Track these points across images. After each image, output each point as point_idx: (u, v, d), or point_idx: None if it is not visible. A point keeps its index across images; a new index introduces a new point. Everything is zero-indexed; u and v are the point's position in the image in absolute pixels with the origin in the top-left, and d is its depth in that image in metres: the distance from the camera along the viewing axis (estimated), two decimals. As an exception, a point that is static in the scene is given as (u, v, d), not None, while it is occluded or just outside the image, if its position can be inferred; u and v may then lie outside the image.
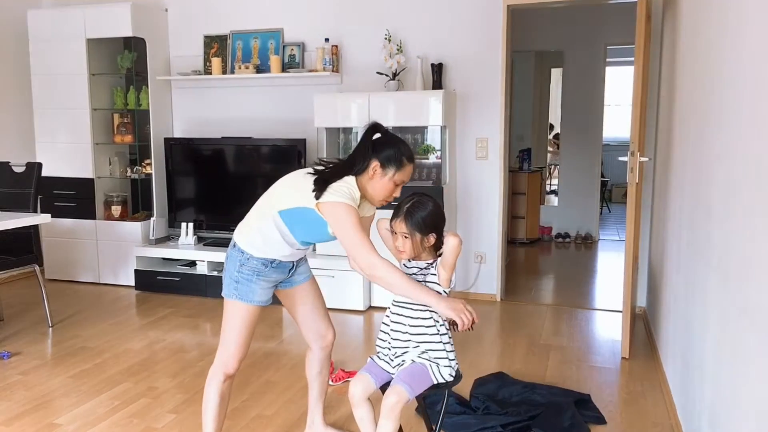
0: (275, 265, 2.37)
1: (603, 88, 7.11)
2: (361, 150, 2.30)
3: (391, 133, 2.38)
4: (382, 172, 2.28)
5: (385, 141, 2.31)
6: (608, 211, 9.51)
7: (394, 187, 2.33)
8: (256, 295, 2.35)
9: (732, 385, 1.90)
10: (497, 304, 4.81)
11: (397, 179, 2.31)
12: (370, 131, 2.32)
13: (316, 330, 2.60)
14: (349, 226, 2.20)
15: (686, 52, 3.10)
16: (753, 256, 1.70)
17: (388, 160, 2.27)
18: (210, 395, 2.41)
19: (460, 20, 4.70)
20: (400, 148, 2.30)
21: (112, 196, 5.38)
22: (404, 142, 2.35)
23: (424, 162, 4.76)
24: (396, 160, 2.28)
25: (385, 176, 2.29)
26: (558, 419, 2.81)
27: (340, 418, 2.97)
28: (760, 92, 1.68)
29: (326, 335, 2.61)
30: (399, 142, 2.32)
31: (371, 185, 2.31)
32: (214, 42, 5.31)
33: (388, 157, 2.27)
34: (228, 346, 2.37)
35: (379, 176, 2.28)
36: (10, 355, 3.75)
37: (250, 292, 2.34)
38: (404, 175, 2.31)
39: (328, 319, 2.63)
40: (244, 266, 2.33)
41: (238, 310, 2.35)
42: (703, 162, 2.49)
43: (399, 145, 2.31)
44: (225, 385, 2.41)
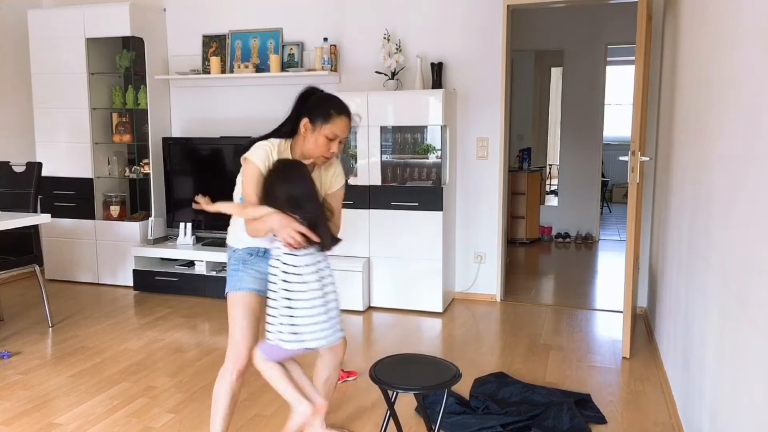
0: (262, 254, 2.38)
1: (603, 87, 7.11)
2: (292, 112, 2.33)
3: (326, 93, 2.36)
4: (312, 127, 2.28)
5: (314, 98, 2.32)
6: (609, 211, 9.50)
7: (327, 142, 2.28)
8: (244, 282, 2.36)
9: (732, 385, 1.89)
10: (497, 304, 4.81)
11: (328, 133, 2.27)
12: (303, 93, 2.33)
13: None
14: (246, 182, 2.26)
15: (687, 51, 3.10)
16: (753, 256, 1.69)
17: (315, 115, 2.27)
18: (220, 393, 2.40)
19: (460, 20, 4.69)
20: (327, 102, 2.29)
21: (110, 196, 5.37)
22: (336, 98, 2.32)
23: (424, 162, 4.76)
24: (323, 113, 2.27)
25: (315, 131, 2.28)
26: (558, 419, 2.80)
27: (340, 418, 2.96)
28: (761, 92, 1.67)
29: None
30: (329, 98, 2.31)
31: (306, 145, 2.30)
32: (213, 41, 5.30)
33: (315, 112, 2.27)
34: (233, 340, 2.38)
35: (309, 133, 2.28)
36: (10, 355, 3.74)
37: (238, 281, 2.37)
38: (335, 128, 2.27)
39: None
40: (231, 258, 2.42)
41: (232, 300, 2.37)
42: (703, 162, 2.49)
43: (328, 99, 2.30)
44: (237, 384, 2.40)
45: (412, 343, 3.97)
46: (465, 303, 4.82)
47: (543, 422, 2.78)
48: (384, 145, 4.68)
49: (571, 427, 2.75)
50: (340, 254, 4.66)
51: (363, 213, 4.59)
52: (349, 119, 2.32)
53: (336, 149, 2.32)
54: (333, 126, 2.27)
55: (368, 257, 4.62)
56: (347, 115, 2.31)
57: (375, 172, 4.56)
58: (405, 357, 2.46)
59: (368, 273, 4.63)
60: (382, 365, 2.36)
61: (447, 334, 4.13)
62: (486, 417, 2.84)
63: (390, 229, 4.54)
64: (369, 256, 4.62)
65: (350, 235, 4.61)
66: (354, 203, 4.59)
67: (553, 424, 2.77)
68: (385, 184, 4.59)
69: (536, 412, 2.87)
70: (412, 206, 4.48)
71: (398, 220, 4.52)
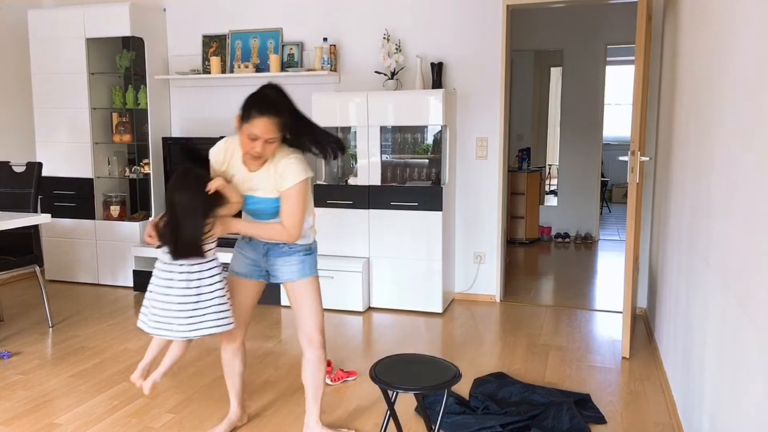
0: (248, 241, 2.58)
1: (603, 87, 7.11)
2: None
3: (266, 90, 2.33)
4: (239, 125, 2.31)
5: (250, 95, 2.32)
6: (608, 211, 9.51)
7: (249, 142, 2.29)
8: (234, 266, 2.62)
9: (732, 385, 1.90)
10: (496, 304, 4.81)
11: (249, 133, 2.27)
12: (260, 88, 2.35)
13: (302, 332, 2.60)
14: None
15: (687, 51, 3.10)
16: (753, 256, 1.69)
17: (243, 113, 2.29)
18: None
19: (460, 20, 4.69)
20: (255, 101, 2.28)
21: (110, 196, 5.37)
22: (266, 97, 2.30)
23: (424, 161, 4.76)
24: (246, 113, 2.27)
25: (241, 129, 2.31)
26: (558, 419, 2.80)
27: (339, 417, 2.96)
28: (761, 92, 1.67)
29: (312, 338, 2.58)
30: (259, 96, 2.30)
31: (241, 140, 2.35)
32: (213, 41, 5.31)
33: (244, 109, 2.29)
34: None
35: (239, 130, 2.33)
36: (10, 355, 3.74)
37: (232, 263, 2.64)
38: (254, 128, 2.25)
39: (314, 321, 2.57)
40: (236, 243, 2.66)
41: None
42: (703, 162, 2.49)
43: (257, 98, 2.29)
44: (225, 352, 2.70)
45: (412, 343, 3.97)
46: (465, 303, 4.82)
47: (543, 422, 2.78)
48: (384, 145, 4.68)
49: (570, 427, 2.76)
50: (339, 254, 4.67)
51: (363, 213, 4.59)
52: (274, 120, 2.27)
53: (260, 149, 2.29)
54: (252, 126, 2.26)
55: (368, 257, 4.62)
56: (270, 116, 2.26)
57: (375, 172, 4.56)
58: (405, 357, 2.46)
59: (368, 273, 4.63)
60: (382, 365, 2.36)
61: (447, 335, 4.13)
62: (486, 417, 2.84)
63: (390, 229, 4.54)
64: (369, 257, 4.62)
65: (350, 235, 4.61)
66: (354, 203, 4.59)
67: (552, 424, 2.77)
68: (384, 184, 4.59)
69: (536, 412, 2.87)
70: (411, 206, 4.48)
71: (398, 220, 4.52)
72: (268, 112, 2.26)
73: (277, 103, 2.30)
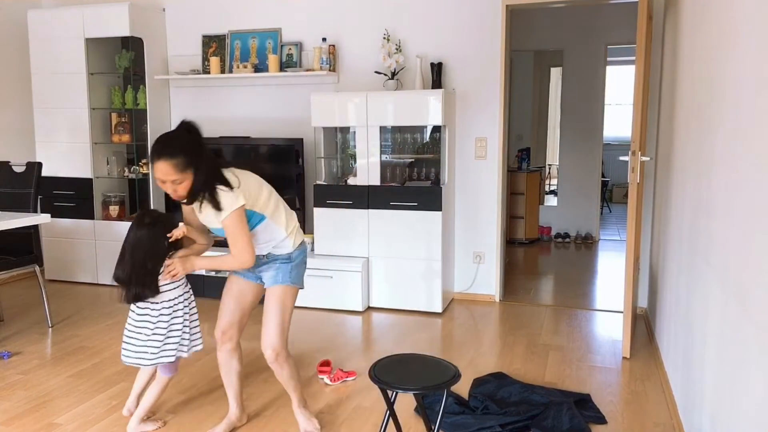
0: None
1: (603, 87, 7.11)
2: None
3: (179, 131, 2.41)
4: None
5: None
6: (609, 211, 9.50)
7: (160, 184, 2.39)
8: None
9: (733, 385, 1.89)
10: (496, 304, 4.81)
11: (154, 176, 2.40)
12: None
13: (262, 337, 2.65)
14: None
15: (687, 51, 3.10)
16: (754, 256, 1.69)
17: None
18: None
19: (460, 20, 4.69)
20: (154, 143, 2.36)
21: (110, 196, 5.37)
22: (158, 141, 2.36)
23: (423, 161, 4.76)
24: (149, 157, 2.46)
25: None
26: (558, 419, 2.80)
27: (339, 417, 2.96)
28: (761, 91, 1.67)
29: (264, 350, 2.64)
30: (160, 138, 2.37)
31: None
32: (213, 41, 5.30)
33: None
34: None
35: None
36: (10, 355, 3.74)
37: None
38: (156, 172, 2.35)
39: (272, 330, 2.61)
40: None
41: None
42: (704, 162, 2.49)
43: (158, 139, 2.37)
44: (220, 353, 2.71)
45: (412, 343, 3.97)
46: (464, 303, 4.82)
47: (542, 422, 2.78)
48: (383, 145, 4.68)
49: (570, 427, 2.75)
50: (339, 254, 4.66)
51: (362, 213, 4.59)
52: (169, 161, 2.31)
53: (171, 191, 2.40)
54: (154, 170, 2.36)
55: (367, 257, 4.62)
56: (161, 159, 2.31)
57: (374, 172, 4.56)
58: (404, 357, 2.46)
59: (367, 273, 4.63)
60: (381, 365, 2.36)
61: (446, 334, 4.13)
62: (485, 417, 2.84)
63: (389, 229, 4.54)
64: (368, 257, 4.62)
65: (349, 235, 4.61)
66: (353, 203, 4.59)
67: (552, 424, 2.77)
68: (384, 184, 4.59)
69: (535, 412, 2.87)
70: (411, 206, 4.48)
71: (397, 220, 4.52)
72: (157, 154, 2.33)
73: (170, 144, 2.35)
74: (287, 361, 2.67)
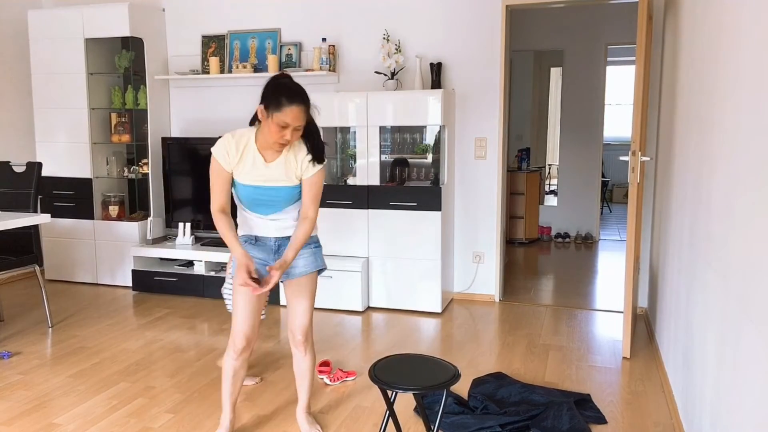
0: (254, 243, 2.57)
1: (603, 87, 7.11)
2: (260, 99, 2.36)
3: (286, 80, 2.34)
4: (266, 114, 2.31)
5: (272, 85, 2.32)
6: (609, 211, 9.50)
7: (279, 129, 2.30)
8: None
9: (733, 385, 1.89)
10: (496, 304, 4.80)
11: (279, 121, 2.28)
12: (269, 79, 2.34)
13: (290, 327, 2.65)
14: (211, 174, 2.48)
15: (687, 51, 3.10)
16: (754, 256, 1.69)
17: (269, 102, 2.29)
18: (224, 370, 2.63)
19: (459, 20, 4.69)
20: (281, 89, 2.28)
21: (109, 196, 5.37)
22: (291, 86, 2.30)
23: (423, 161, 4.75)
24: (275, 101, 2.27)
25: (268, 118, 2.30)
26: (557, 419, 2.80)
27: (339, 417, 2.96)
28: (761, 91, 1.67)
29: (295, 334, 2.63)
30: (284, 85, 2.30)
31: (264, 131, 2.35)
32: (212, 41, 5.30)
33: (267, 99, 2.29)
34: (233, 320, 2.58)
35: (264, 119, 2.32)
36: (10, 355, 3.74)
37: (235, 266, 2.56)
38: (286, 116, 2.27)
39: (303, 319, 2.60)
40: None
41: (234, 287, 2.54)
42: (704, 161, 2.49)
43: (283, 87, 2.29)
44: (237, 362, 2.59)
45: (411, 343, 3.96)
46: (464, 303, 4.82)
47: (542, 422, 2.78)
48: (383, 145, 4.68)
49: (570, 427, 2.75)
50: (338, 254, 4.66)
51: (362, 213, 4.59)
52: (302, 107, 2.30)
53: (290, 136, 2.33)
54: (283, 114, 2.27)
55: (367, 257, 4.62)
56: (299, 104, 2.29)
57: (374, 172, 4.56)
58: (404, 357, 2.45)
59: (367, 273, 4.63)
60: (381, 365, 2.36)
61: (446, 334, 4.12)
62: (485, 417, 2.83)
63: (389, 229, 4.54)
64: (368, 256, 4.62)
65: (349, 234, 4.61)
66: (353, 203, 4.59)
67: (552, 424, 2.77)
68: (383, 184, 4.59)
69: (535, 412, 2.87)
70: (410, 206, 4.48)
71: (397, 220, 4.52)
72: (297, 100, 2.29)
73: (302, 91, 2.33)
74: (312, 349, 2.69)
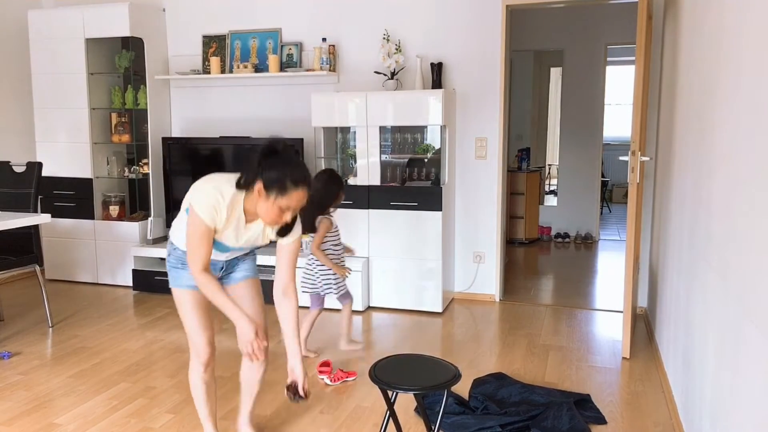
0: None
1: (603, 87, 7.11)
2: (248, 167, 2.14)
3: (288, 154, 2.16)
4: (266, 194, 2.12)
5: (274, 161, 2.12)
6: (609, 211, 9.50)
7: (280, 212, 2.14)
8: (184, 280, 2.39)
9: (733, 385, 1.89)
10: (496, 304, 4.81)
11: (282, 204, 2.12)
12: (264, 149, 2.14)
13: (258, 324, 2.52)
14: (189, 233, 2.19)
15: (687, 51, 3.10)
16: (754, 255, 1.69)
17: (271, 183, 2.10)
18: (195, 385, 2.51)
19: (460, 20, 4.69)
20: (286, 171, 2.09)
21: (110, 196, 5.37)
22: (296, 165, 2.13)
23: (423, 162, 4.75)
24: (278, 184, 2.09)
25: (268, 199, 2.12)
26: (557, 419, 2.80)
27: (339, 417, 2.96)
28: (761, 91, 1.67)
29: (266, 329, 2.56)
30: (288, 164, 2.11)
31: (258, 206, 2.16)
32: (213, 41, 5.30)
33: (271, 180, 2.10)
34: (189, 335, 2.45)
35: (263, 198, 2.13)
36: (10, 355, 3.74)
37: (179, 278, 2.40)
38: (290, 200, 2.12)
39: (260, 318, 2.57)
40: (170, 255, 2.43)
41: (177, 296, 2.42)
42: (704, 161, 2.49)
43: (287, 167, 2.10)
44: (207, 374, 2.49)
45: (412, 343, 3.97)
46: (464, 303, 4.82)
47: (542, 422, 2.78)
48: (383, 145, 4.68)
49: (570, 427, 2.75)
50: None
51: (362, 213, 4.59)
52: (306, 189, 2.15)
53: (288, 218, 2.18)
54: (288, 199, 2.12)
55: (367, 257, 4.62)
56: (305, 186, 2.14)
57: (374, 172, 4.56)
58: (404, 357, 2.46)
59: (367, 273, 4.63)
60: (381, 365, 2.36)
61: (446, 334, 4.13)
62: (485, 417, 2.84)
63: (389, 229, 4.54)
64: (368, 256, 4.62)
65: (349, 235, 4.61)
66: (353, 203, 4.59)
67: (552, 424, 2.77)
68: (384, 184, 4.59)
69: (535, 413, 2.87)
70: (411, 206, 4.48)
71: (397, 220, 4.52)
72: (302, 183, 2.13)
73: (305, 170, 2.16)
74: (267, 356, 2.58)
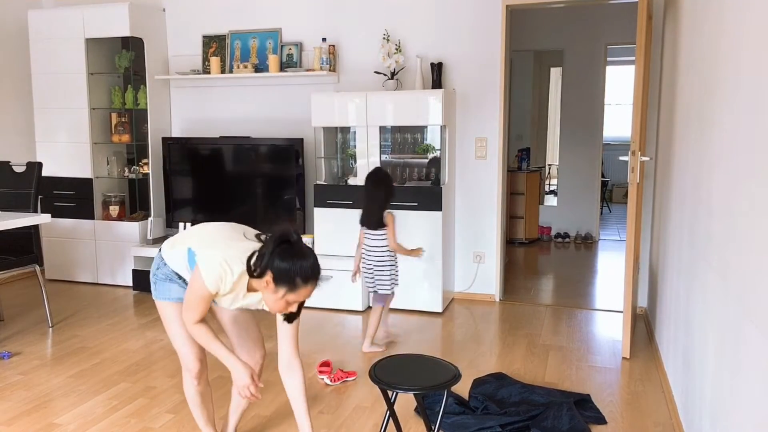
0: (178, 278, 2.36)
1: (603, 87, 7.11)
2: (261, 255, 2.06)
3: (300, 245, 2.09)
4: (274, 287, 2.05)
5: (286, 253, 2.04)
6: (609, 211, 9.50)
7: (287, 304, 2.09)
8: (173, 293, 2.35)
9: (733, 385, 1.89)
10: (496, 304, 4.81)
11: (290, 299, 2.07)
12: (277, 239, 2.06)
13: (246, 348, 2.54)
14: (190, 291, 2.17)
15: (687, 51, 3.10)
16: (754, 256, 1.69)
17: (281, 277, 2.03)
18: (190, 397, 2.49)
19: (460, 20, 4.69)
20: (297, 266, 2.03)
21: (110, 196, 5.37)
22: (308, 258, 2.06)
23: (424, 162, 4.75)
24: (289, 281, 2.03)
25: (276, 293, 2.06)
26: (558, 419, 2.80)
27: (339, 417, 2.96)
28: (761, 91, 1.67)
29: (254, 354, 2.54)
30: (300, 258, 2.04)
31: (265, 294, 2.11)
32: (213, 41, 5.30)
33: (281, 273, 2.03)
34: (178, 349, 2.40)
35: (271, 290, 2.06)
36: (10, 355, 3.74)
37: (167, 290, 2.35)
38: (298, 296, 2.07)
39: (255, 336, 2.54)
40: (159, 269, 2.36)
41: (165, 309, 2.37)
42: (704, 161, 2.49)
43: (299, 261, 2.03)
44: (201, 385, 2.45)
45: (412, 343, 3.97)
46: (464, 303, 4.82)
47: (542, 422, 2.78)
48: (383, 145, 4.68)
49: (570, 427, 2.75)
50: (338, 254, 4.66)
51: (363, 213, 4.58)
52: (315, 284, 2.10)
53: (295, 309, 2.15)
54: (296, 295, 2.07)
55: (368, 257, 4.61)
56: (314, 282, 2.09)
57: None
58: (404, 357, 2.46)
59: (368, 273, 4.62)
60: (381, 365, 2.36)
61: (446, 334, 4.13)
62: (485, 417, 2.84)
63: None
64: (369, 256, 4.61)
65: (349, 234, 4.60)
66: (353, 203, 4.58)
67: (552, 424, 2.77)
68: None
69: (535, 413, 2.87)
70: (411, 206, 4.48)
71: (397, 220, 4.51)
72: (312, 279, 2.08)
73: (316, 265, 2.10)
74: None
